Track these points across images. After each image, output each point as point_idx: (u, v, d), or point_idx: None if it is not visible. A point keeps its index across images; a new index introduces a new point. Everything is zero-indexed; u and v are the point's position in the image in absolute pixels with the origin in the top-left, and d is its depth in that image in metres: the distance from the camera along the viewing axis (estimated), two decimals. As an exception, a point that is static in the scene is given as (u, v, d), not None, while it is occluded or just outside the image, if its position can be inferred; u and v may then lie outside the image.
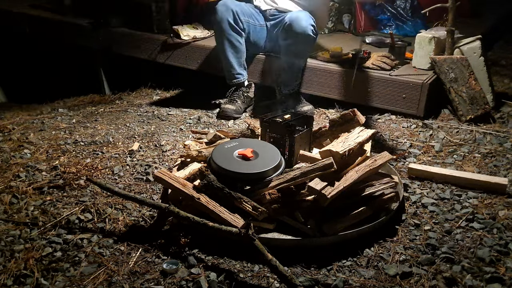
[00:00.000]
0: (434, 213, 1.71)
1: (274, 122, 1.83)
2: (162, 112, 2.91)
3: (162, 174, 1.64)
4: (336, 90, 2.79)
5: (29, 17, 4.18)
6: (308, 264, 1.46)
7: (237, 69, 2.78)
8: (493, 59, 3.77)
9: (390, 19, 3.52)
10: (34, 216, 1.71)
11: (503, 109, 2.66)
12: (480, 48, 2.63)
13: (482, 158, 2.13)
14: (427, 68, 2.69)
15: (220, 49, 2.75)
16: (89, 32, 3.72)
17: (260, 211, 1.50)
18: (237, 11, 2.65)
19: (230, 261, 1.47)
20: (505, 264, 1.43)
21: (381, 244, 1.55)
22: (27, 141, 2.39)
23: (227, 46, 2.71)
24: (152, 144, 2.36)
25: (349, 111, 1.87)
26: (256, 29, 2.83)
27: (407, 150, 2.21)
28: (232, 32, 2.67)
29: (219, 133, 2.05)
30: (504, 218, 1.65)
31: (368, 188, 1.64)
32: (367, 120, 2.60)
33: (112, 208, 1.76)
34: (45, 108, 3.25)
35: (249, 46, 2.83)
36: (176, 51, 3.31)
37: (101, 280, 1.38)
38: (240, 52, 2.74)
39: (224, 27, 2.65)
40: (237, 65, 2.77)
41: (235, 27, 2.67)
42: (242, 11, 2.70)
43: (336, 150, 1.60)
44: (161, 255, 1.50)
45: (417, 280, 1.38)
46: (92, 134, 2.50)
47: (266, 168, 1.62)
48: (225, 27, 2.65)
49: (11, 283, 1.38)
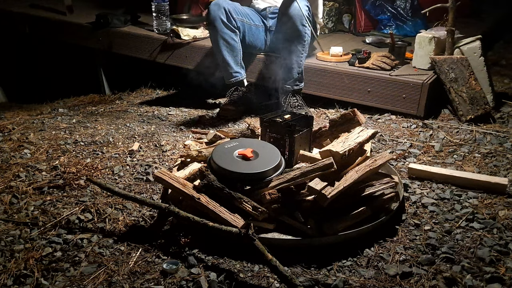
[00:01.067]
0: (434, 213, 1.71)
1: (274, 122, 1.83)
2: (162, 112, 2.91)
3: (162, 174, 1.64)
4: (336, 90, 2.79)
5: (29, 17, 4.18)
6: (308, 264, 1.46)
7: (234, 67, 2.77)
8: (493, 59, 3.77)
9: (390, 19, 3.52)
10: (34, 216, 1.71)
11: (503, 109, 2.67)
12: (480, 48, 2.63)
13: (482, 158, 2.13)
14: (427, 68, 2.69)
15: (215, 48, 2.75)
16: (89, 32, 3.72)
17: (260, 211, 1.50)
18: (230, 9, 2.65)
19: (230, 261, 1.47)
20: (505, 264, 1.42)
21: (381, 244, 1.55)
22: (27, 141, 2.39)
23: (222, 44, 2.70)
24: (152, 144, 2.36)
25: (349, 111, 1.87)
26: (251, 29, 2.82)
27: (407, 150, 2.21)
28: (226, 30, 2.66)
29: (219, 133, 2.05)
30: (504, 218, 1.65)
31: (368, 188, 1.64)
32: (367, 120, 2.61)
33: (112, 208, 1.76)
34: (45, 108, 3.25)
35: (245, 46, 2.82)
36: (176, 51, 3.31)
37: (101, 280, 1.38)
38: (235, 50, 2.73)
39: (217, 26, 2.65)
40: (233, 64, 2.75)
41: (228, 25, 2.66)
42: (235, 10, 2.70)
43: (336, 150, 1.60)
44: (161, 255, 1.50)
45: (417, 280, 1.38)
46: (92, 134, 2.50)
47: (266, 168, 1.62)
48: (218, 25, 2.65)
49: (11, 283, 1.38)
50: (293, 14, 2.53)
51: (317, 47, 3.08)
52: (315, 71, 2.83)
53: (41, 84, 4.30)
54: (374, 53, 2.80)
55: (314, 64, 2.85)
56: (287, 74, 2.69)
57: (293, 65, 2.66)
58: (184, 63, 3.31)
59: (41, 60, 4.42)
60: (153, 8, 3.35)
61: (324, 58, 2.88)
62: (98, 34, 3.69)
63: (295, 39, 2.59)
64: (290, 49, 2.63)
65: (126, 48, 3.58)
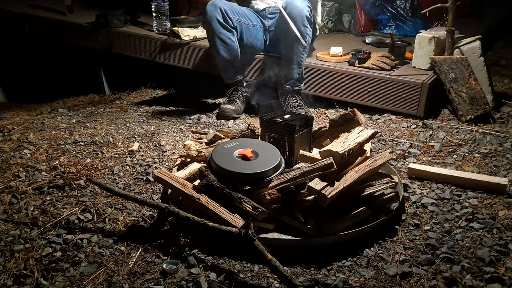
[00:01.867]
0: (434, 213, 1.71)
1: (274, 122, 1.83)
2: (162, 112, 2.92)
3: (162, 174, 1.64)
4: (336, 90, 2.80)
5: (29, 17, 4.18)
6: (308, 264, 1.46)
7: (232, 67, 2.77)
8: (493, 59, 3.77)
9: (390, 19, 3.52)
10: (34, 216, 1.71)
11: (503, 109, 2.67)
12: (480, 48, 2.63)
13: (482, 158, 2.13)
14: (427, 68, 2.69)
15: (213, 48, 2.74)
16: (89, 32, 3.72)
17: (260, 211, 1.50)
18: (226, 9, 2.64)
19: (230, 261, 1.47)
20: (505, 264, 1.42)
21: (381, 244, 1.55)
22: (27, 141, 2.39)
23: (219, 44, 2.69)
24: (152, 144, 2.36)
25: (349, 111, 1.87)
26: (249, 29, 2.81)
27: (407, 150, 2.21)
28: (222, 30, 2.66)
29: (219, 133, 2.05)
30: (504, 218, 1.65)
31: (368, 188, 1.64)
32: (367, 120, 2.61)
33: (112, 208, 1.76)
34: (45, 108, 3.25)
35: (244, 46, 2.81)
36: (176, 51, 3.31)
37: (101, 280, 1.38)
38: (233, 50, 2.72)
39: (214, 25, 2.64)
40: (231, 63, 2.75)
41: (224, 24, 2.65)
42: (231, 10, 2.69)
43: (336, 150, 1.60)
44: (161, 255, 1.50)
45: (417, 280, 1.38)
46: (92, 134, 2.50)
47: (266, 168, 1.62)
48: (214, 25, 2.64)
49: (11, 283, 1.38)
50: (295, 14, 2.53)
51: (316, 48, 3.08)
52: (315, 71, 2.83)
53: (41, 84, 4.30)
54: (374, 53, 2.80)
55: (314, 64, 2.85)
56: (288, 75, 2.69)
57: (294, 66, 2.65)
58: (184, 63, 3.31)
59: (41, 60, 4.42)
60: (153, 8, 3.35)
61: (324, 58, 2.88)
62: (98, 34, 3.69)
63: (296, 40, 2.59)
64: (290, 49, 2.62)
65: (126, 48, 3.58)
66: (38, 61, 4.44)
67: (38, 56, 4.42)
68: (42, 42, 4.27)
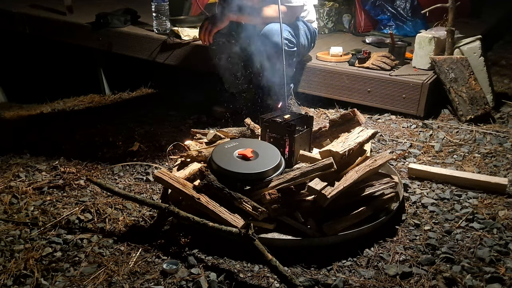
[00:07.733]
0: (434, 213, 1.71)
1: (274, 122, 1.83)
2: (162, 112, 2.91)
3: (162, 174, 1.64)
4: (336, 90, 2.79)
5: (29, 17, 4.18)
6: (308, 264, 1.46)
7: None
8: (493, 59, 3.77)
9: (390, 19, 3.52)
10: (34, 216, 1.71)
11: (503, 109, 2.67)
12: (480, 48, 2.63)
13: (482, 158, 2.13)
14: (427, 68, 2.69)
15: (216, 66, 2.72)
16: (89, 32, 3.72)
17: (260, 211, 1.50)
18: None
19: (230, 261, 1.47)
20: (505, 264, 1.43)
21: (381, 244, 1.55)
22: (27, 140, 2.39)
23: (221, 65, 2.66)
24: (152, 144, 2.36)
25: (349, 111, 1.87)
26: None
27: (407, 150, 2.21)
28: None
29: (219, 133, 2.05)
30: (504, 218, 1.65)
31: (368, 188, 1.64)
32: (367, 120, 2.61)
33: (112, 208, 1.76)
34: (45, 108, 3.25)
35: None
36: (176, 51, 3.31)
37: (101, 280, 1.38)
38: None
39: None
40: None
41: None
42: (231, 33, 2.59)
43: (336, 150, 1.60)
44: (161, 255, 1.50)
45: (417, 280, 1.38)
46: (92, 134, 2.50)
47: (266, 168, 1.62)
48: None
49: (11, 283, 1.38)
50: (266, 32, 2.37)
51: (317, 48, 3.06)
52: (315, 71, 2.83)
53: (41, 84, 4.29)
54: (374, 53, 2.80)
55: (314, 64, 2.85)
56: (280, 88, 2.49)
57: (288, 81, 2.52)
58: (184, 63, 3.31)
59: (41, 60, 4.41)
60: (153, 8, 3.35)
61: (324, 58, 2.87)
62: (98, 34, 3.68)
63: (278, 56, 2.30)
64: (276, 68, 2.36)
65: (126, 48, 3.58)
66: (38, 61, 4.43)
67: (38, 56, 4.42)
68: (42, 42, 4.26)
